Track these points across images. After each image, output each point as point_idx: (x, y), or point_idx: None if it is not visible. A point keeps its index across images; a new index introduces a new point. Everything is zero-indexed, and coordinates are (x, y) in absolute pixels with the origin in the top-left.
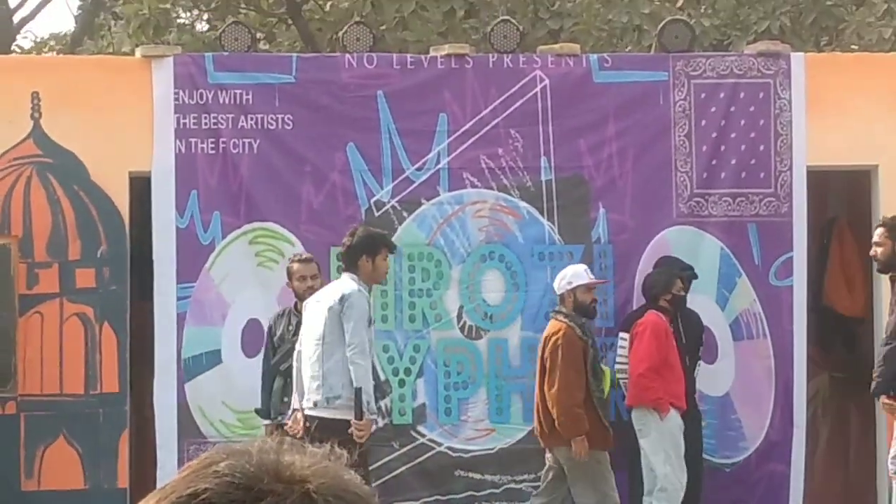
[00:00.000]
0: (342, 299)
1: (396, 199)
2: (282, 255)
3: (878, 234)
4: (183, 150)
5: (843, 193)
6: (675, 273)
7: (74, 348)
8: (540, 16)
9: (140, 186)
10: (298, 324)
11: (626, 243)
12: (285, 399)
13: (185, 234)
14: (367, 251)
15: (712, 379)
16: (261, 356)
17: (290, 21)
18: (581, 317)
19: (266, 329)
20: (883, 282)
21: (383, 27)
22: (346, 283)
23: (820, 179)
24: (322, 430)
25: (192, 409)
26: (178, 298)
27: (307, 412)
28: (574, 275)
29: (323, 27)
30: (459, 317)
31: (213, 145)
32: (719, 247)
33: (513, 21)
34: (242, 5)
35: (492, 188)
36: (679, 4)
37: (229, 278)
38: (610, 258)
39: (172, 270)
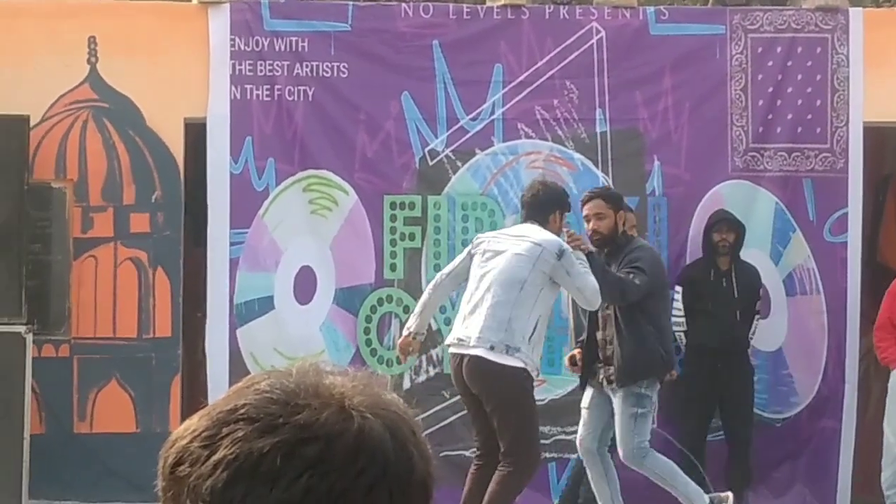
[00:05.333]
0: (561, 253)
1: (450, 148)
2: (335, 203)
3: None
4: (238, 96)
5: None
6: None
7: (128, 292)
8: None
9: (195, 132)
10: None
11: (680, 197)
12: None
13: (239, 180)
14: (561, 207)
15: (765, 334)
16: (313, 303)
17: None
18: None
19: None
20: None
21: None
22: (549, 234)
23: (876, 136)
24: (486, 374)
25: (244, 354)
26: (232, 244)
27: (461, 349)
28: None
29: None
30: None
31: (268, 92)
32: (774, 202)
33: None
34: None
35: (546, 139)
36: None
37: (283, 225)
38: (664, 211)
39: (226, 216)
